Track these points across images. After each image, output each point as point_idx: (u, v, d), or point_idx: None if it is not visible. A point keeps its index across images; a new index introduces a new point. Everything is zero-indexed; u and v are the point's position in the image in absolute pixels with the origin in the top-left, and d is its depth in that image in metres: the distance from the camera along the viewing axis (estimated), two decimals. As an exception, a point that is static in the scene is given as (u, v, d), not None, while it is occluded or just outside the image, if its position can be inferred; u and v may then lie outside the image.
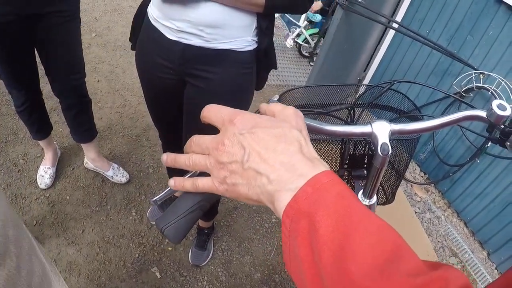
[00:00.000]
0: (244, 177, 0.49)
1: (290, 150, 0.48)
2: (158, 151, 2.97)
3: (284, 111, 0.55)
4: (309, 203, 0.43)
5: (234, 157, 0.50)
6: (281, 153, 0.48)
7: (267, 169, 0.47)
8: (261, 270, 2.42)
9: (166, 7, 1.38)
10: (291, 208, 0.44)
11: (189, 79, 1.53)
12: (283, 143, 0.49)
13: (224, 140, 0.51)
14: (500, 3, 2.74)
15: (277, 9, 1.43)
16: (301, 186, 0.45)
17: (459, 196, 3.11)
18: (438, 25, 3.23)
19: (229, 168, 0.50)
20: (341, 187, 0.44)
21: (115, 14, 4.70)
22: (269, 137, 0.49)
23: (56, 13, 1.88)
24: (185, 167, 0.58)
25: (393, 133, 0.78)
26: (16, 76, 2.07)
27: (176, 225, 0.61)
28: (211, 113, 0.56)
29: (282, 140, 0.49)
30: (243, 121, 0.51)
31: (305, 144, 0.50)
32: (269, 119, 0.53)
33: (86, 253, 2.26)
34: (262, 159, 0.48)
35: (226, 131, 0.52)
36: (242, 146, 0.49)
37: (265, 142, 0.49)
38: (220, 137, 0.52)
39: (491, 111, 0.79)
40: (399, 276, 0.37)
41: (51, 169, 2.59)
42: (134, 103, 3.40)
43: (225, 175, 0.51)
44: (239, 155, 0.49)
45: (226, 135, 0.51)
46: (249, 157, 0.48)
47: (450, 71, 3.13)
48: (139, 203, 2.60)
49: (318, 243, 0.41)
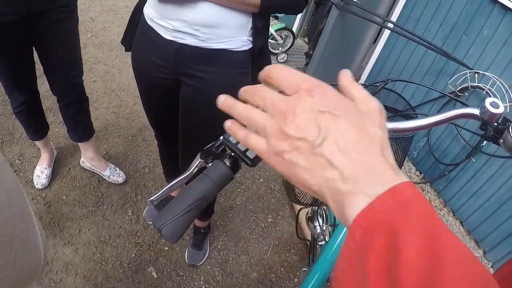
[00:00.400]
0: (310, 161, 0.42)
1: (373, 150, 0.41)
2: (154, 151, 2.97)
3: (369, 102, 0.45)
4: (390, 217, 0.36)
5: (304, 133, 0.42)
6: (363, 150, 0.41)
7: (343, 163, 0.40)
8: (257, 270, 2.42)
9: (162, 6, 1.39)
10: (364, 218, 0.37)
11: (184, 78, 1.54)
12: (367, 140, 0.41)
13: (297, 109, 0.43)
14: (494, 2, 2.75)
15: (272, 9, 1.43)
16: (380, 193, 0.37)
17: (454, 195, 3.12)
18: (433, 25, 3.24)
19: (294, 144, 0.43)
20: (426, 204, 0.38)
21: (111, 14, 4.70)
22: (353, 127, 0.42)
23: (56, 10, 1.88)
24: (239, 117, 0.50)
25: (388, 131, 0.78)
26: (16, 77, 2.07)
27: (173, 224, 0.61)
28: (282, 74, 0.47)
29: (366, 137, 0.42)
30: (325, 97, 0.43)
31: (387, 147, 0.43)
32: (353, 106, 0.44)
33: (82, 253, 2.26)
34: (340, 150, 0.40)
35: (300, 99, 0.44)
36: (318, 125, 0.41)
37: (348, 132, 0.41)
38: (292, 102, 0.44)
39: (484, 109, 0.80)
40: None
41: (48, 169, 2.59)
42: (130, 103, 3.40)
43: (285, 149, 0.43)
44: (312, 134, 0.41)
45: (301, 104, 0.43)
46: (324, 141, 0.41)
47: (445, 70, 3.15)
48: (135, 203, 2.60)
49: (400, 268, 0.34)
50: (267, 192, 2.91)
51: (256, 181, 2.96)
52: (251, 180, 2.95)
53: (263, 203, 2.82)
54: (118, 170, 2.71)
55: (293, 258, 2.53)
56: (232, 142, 0.63)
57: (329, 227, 1.57)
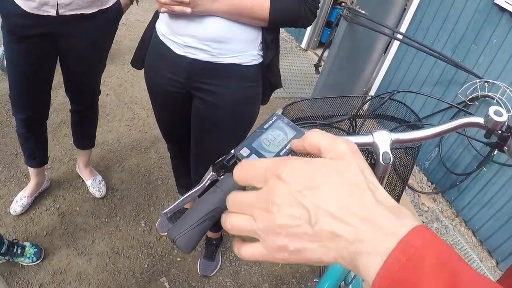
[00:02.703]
0: (315, 240, 0.40)
1: (365, 202, 0.40)
2: (166, 163, 3.00)
3: (337, 148, 0.44)
4: (405, 276, 0.36)
5: (296, 220, 0.40)
6: (357, 208, 0.39)
7: (346, 229, 0.39)
8: (269, 281, 2.43)
9: (173, 22, 1.42)
10: (383, 280, 0.37)
11: (196, 92, 1.57)
12: (354, 195, 0.40)
13: (275, 199, 0.41)
14: (503, 11, 2.76)
15: (281, 24, 1.46)
16: (391, 250, 0.37)
17: (466, 205, 3.11)
18: (442, 35, 3.26)
19: (289, 233, 0.41)
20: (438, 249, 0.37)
21: (123, 28, 4.78)
22: (336, 191, 0.40)
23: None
24: (226, 229, 0.48)
25: (394, 142, 0.80)
26: (28, 101, 2.04)
27: (187, 235, 0.63)
28: (245, 172, 0.46)
29: (352, 191, 0.40)
30: (294, 175, 0.41)
31: (375, 189, 0.41)
32: (325, 164, 0.43)
33: (95, 263, 2.29)
34: (336, 219, 0.39)
35: (273, 189, 0.42)
36: (304, 207, 0.40)
37: (333, 199, 0.40)
38: (267, 195, 0.42)
39: (488, 117, 0.82)
40: None
41: (26, 199, 2.46)
42: (143, 116, 3.45)
43: (285, 242, 0.41)
44: (303, 218, 0.40)
45: (276, 193, 0.41)
46: (317, 218, 0.40)
47: (455, 80, 3.15)
48: (148, 214, 2.62)
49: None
50: (278, 203, 2.92)
51: (267, 192, 2.97)
52: (262, 191, 2.96)
53: (274, 214, 2.83)
54: (102, 184, 2.70)
55: (304, 269, 2.54)
56: (243, 156, 0.65)
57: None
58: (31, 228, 2.38)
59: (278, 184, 0.41)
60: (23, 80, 1.94)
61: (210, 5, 1.33)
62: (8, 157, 2.80)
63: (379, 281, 0.37)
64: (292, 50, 5.53)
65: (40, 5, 1.67)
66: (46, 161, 2.45)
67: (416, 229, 0.38)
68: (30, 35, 1.77)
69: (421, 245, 0.37)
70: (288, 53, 5.31)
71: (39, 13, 1.70)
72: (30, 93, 2.01)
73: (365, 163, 0.43)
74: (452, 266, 0.36)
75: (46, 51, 1.88)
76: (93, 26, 1.86)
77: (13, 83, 1.97)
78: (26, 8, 1.67)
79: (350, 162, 0.42)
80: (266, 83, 1.60)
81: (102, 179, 2.72)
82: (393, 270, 0.37)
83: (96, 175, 2.71)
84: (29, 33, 1.76)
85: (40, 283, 2.12)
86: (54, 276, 2.17)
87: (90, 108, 2.35)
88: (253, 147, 0.64)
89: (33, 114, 2.10)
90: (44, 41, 1.82)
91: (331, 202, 0.40)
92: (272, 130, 0.65)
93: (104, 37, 2.00)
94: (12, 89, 2.00)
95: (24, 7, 1.67)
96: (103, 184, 2.70)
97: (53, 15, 1.71)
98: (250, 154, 0.62)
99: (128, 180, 2.83)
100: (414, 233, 0.38)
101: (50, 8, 1.70)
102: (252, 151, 0.63)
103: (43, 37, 1.80)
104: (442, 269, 0.36)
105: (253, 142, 0.64)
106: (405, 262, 0.36)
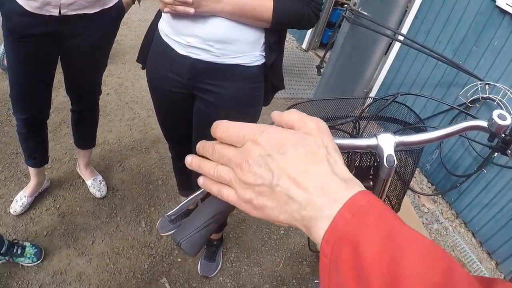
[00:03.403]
0: (274, 200, 0.46)
1: (322, 171, 0.45)
2: (167, 163, 3.00)
3: (306, 124, 0.50)
4: (350, 229, 0.40)
5: (261, 179, 0.47)
6: (313, 176, 0.45)
7: (300, 194, 0.45)
8: (269, 281, 2.43)
9: (176, 22, 1.42)
10: (330, 235, 0.41)
11: (198, 93, 1.57)
12: (314, 164, 0.46)
13: (248, 159, 0.48)
14: (504, 14, 2.77)
15: (284, 25, 1.46)
16: (337, 211, 0.42)
17: (466, 206, 3.11)
18: (443, 37, 3.26)
19: (255, 189, 0.47)
20: (380, 208, 0.42)
21: (124, 27, 4.77)
22: (299, 157, 0.46)
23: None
24: (208, 175, 0.54)
25: (398, 144, 0.80)
26: (28, 100, 2.03)
27: (192, 239, 0.63)
28: (228, 131, 0.52)
29: (313, 160, 0.46)
30: (269, 140, 0.48)
31: (334, 163, 0.47)
32: (295, 135, 0.49)
33: (96, 263, 2.29)
34: (294, 183, 0.45)
35: (249, 150, 0.48)
36: (270, 169, 0.46)
37: (296, 164, 0.46)
38: (243, 154, 0.49)
39: (492, 121, 0.82)
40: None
41: (27, 199, 2.46)
42: (144, 116, 3.45)
43: (251, 196, 0.48)
44: (267, 178, 0.46)
45: (250, 154, 0.48)
46: (279, 180, 0.46)
47: (456, 82, 3.15)
48: (149, 214, 2.62)
49: (365, 271, 0.38)
50: (278, 203, 2.91)
51: (268, 193, 2.97)
52: (262, 192, 2.96)
53: (274, 214, 2.83)
54: (102, 184, 2.69)
55: (305, 270, 2.54)
56: None
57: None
58: (31, 228, 2.37)
59: (253, 147, 0.48)
60: (24, 79, 1.93)
61: (213, 6, 1.32)
62: (8, 157, 2.79)
63: (326, 237, 0.42)
64: (293, 50, 5.53)
65: (43, 5, 1.66)
66: (47, 161, 2.44)
67: (362, 193, 0.43)
68: (31, 35, 1.76)
69: (365, 203, 0.42)
70: (289, 53, 5.31)
71: (42, 13, 1.69)
72: (30, 93, 1.99)
73: (331, 140, 0.50)
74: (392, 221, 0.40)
75: (47, 51, 1.87)
76: (95, 26, 1.86)
77: (14, 82, 1.95)
78: (28, 8, 1.67)
79: (316, 137, 0.49)
80: (268, 84, 1.60)
81: (102, 179, 2.72)
82: (339, 225, 0.41)
83: (97, 175, 2.71)
84: (31, 33, 1.75)
85: (40, 283, 2.12)
86: (54, 276, 2.17)
87: (91, 108, 2.35)
88: None
89: (33, 114, 2.09)
90: (46, 41, 1.81)
91: (293, 167, 0.45)
92: None
93: (106, 37, 1.99)
94: (13, 89, 1.99)
95: (26, 6, 1.66)
96: (104, 184, 2.70)
97: (55, 15, 1.71)
98: None
99: (128, 180, 2.83)
100: (360, 195, 0.43)
101: (52, 8, 1.69)
102: None
103: (45, 36, 1.79)
104: (382, 220, 0.40)
105: None
106: (350, 218, 0.41)
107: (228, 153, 0.51)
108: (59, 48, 1.89)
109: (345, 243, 0.40)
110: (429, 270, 0.36)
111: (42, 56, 1.87)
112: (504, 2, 2.73)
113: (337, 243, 0.41)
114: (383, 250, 0.38)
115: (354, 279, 0.39)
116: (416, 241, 0.39)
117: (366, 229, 0.39)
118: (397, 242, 0.38)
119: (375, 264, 0.37)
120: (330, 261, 0.41)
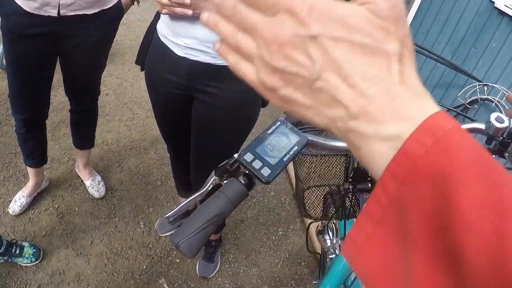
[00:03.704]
0: (310, 97, 0.34)
1: (388, 76, 0.32)
2: (166, 164, 3.00)
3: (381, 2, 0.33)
4: (432, 161, 0.28)
5: (295, 67, 0.33)
6: (375, 80, 0.31)
7: (350, 96, 0.31)
8: (268, 282, 2.43)
9: (174, 24, 1.43)
10: (399, 166, 0.29)
11: (197, 94, 1.57)
12: (378, 65, 0.32)
13: (280, 36, 0.33)
14: (503, 15, 2.77)
15: None
16: (410, 132, 0.29)
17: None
18: (442, 38, 3.26)
19: (285, 77, 0.34)
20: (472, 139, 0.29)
21: (123, 28, 4.77)
22: (358, 49, 0.32)
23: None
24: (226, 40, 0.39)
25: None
26: (27, 101, 2.03)
27: (190, 241, 0.63)
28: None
29: (378, 59, 0.32)
30: (314, 15, 0.32)
31: (408, 67, 0.33)
32: (356, 15, 0.32)
33: (94, 264, 2.29)
34: (345, 80, 0.31)
35: (283, 24, 0.33)
36: (311, 56, 0.32)
37: (351, 56, 0.31)
38: (274, 27, 0.33)
39: (490, 124, 0.82)
40: None
41: (25, 199, 2.46)
42: (143, 117, 3.45)
43: (277, 85, 0.35)
44: (305, 68, 0.32)
45: (282, 30, 0.33)
46: (322, 74, 0.32)
47: (455, 83, 3.16)
48: (147, 215, 2.62)
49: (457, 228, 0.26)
50: (278, 205, 2.92)
51: (267, 194, 2.97)
52: (262, 194, 2.96)
53: (274, 216, 2.83)
54: (101, 185, 2.69)
55: (303, 271, 2.54)
56: (246, 161, 0.65)
57: (339, 240, 1.58)
58: (29, 228, 2.37)
59: (289, 21, 0.32)
60: (23, 80, 1.93)
61: None
62: (7, 157, 2.79)
63: (392, 168, 0.29)
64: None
65: (42, 5, 1.67)
66: (45, 161, 2.44)
67: (443, 114, 0.30)
68: (30, 35, 1.76)
69: (452, 127, 0.29)
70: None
71: (41, 13, 1.69)
72: (29, 93, 1.99)
73: (407, 35, 0.34)
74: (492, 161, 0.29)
75: (46, 51, 1.87)
76: (94, 27, 1.86)
77: (13, 82, 1.95)
78: (27, 8, 1.67)
79: (391, 24, 0.33)
80: None
81: (101, 179, 2.71)
82: (414, 154, 0.28)
83: (95, 175, 2.71)
84: (29, 33, 1.75)
85: (38, 283, 2.12)
86: (53, 276, 2.17)
87: (89, 108, 2.34)
88: (257, 152, 0.64)
89: (32, 115, 2.09)
90: (44, 41, 1.81)
91: (346, 60, 0.31)
92: (276, 136, 0.66)
93: (105, 37, 1.99)
94: (11, 89, 1.99)
95: (25, 7, 1.67)
96: (102, 185, 2.70)
97: (54, 15, 1.71)
98: (254, 160, 0.62)
99: (127, 180, 2.83)
100: (441, 116, 0.30)
101: (51, 9, 1.69)
102: (255, 156, 0.64)
103: (44, 37, 1.79)
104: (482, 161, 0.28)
105: (256, 148, 0.65)
106: (433, 145, 0.28)
107: (254, 18, 0.35)
108: (58, 48, 1.89)
109: (425, 180, 0.28)
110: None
111: (41, 56, 1.87)
112: (502, 4, 2.74)
113: (410, 178, 0.28)
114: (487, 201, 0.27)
115: (433, 232, 0.28)
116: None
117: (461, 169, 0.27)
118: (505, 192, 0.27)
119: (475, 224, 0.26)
120: (390, 202, 0.30)
